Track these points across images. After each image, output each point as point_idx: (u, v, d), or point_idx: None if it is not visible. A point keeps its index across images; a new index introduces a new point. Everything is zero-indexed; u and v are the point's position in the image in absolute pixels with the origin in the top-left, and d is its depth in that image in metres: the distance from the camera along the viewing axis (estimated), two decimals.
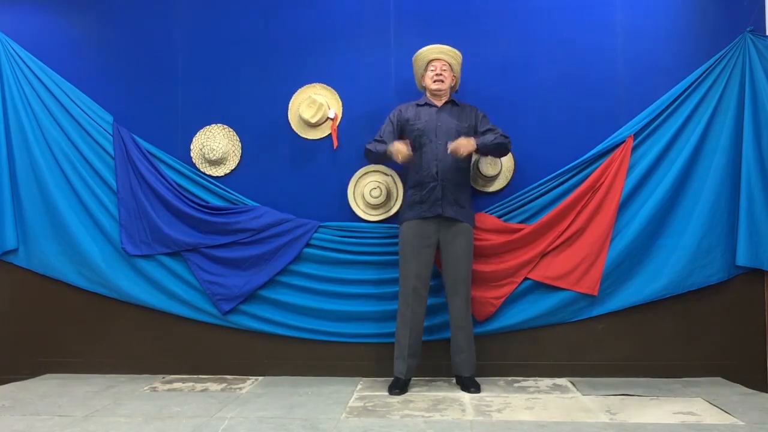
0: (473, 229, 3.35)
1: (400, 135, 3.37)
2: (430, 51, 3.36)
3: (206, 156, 3.68)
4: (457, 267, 3.27)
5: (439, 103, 3.37)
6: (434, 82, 3.33)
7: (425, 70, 3.38)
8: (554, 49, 3.59)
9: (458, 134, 3.27)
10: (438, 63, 3.35)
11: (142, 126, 3.74)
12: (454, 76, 3.40)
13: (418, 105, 3.39)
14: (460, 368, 3.31)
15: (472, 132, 3.34)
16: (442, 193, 3.25)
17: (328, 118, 3.60)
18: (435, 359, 3.47)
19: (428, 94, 3.40)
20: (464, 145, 3.17)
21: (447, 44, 3.41)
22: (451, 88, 3.41)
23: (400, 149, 3.20)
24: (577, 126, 3.54)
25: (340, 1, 3.72)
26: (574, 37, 3.58)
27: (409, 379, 3.32)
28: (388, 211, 3.60)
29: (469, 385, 3.25)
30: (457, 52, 3.39)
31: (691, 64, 3.50)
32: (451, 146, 3.17)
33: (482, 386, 3.27)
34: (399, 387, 3.24)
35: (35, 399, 3.21)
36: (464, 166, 3.35)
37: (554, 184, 3.52)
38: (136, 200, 3.68)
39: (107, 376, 3.67)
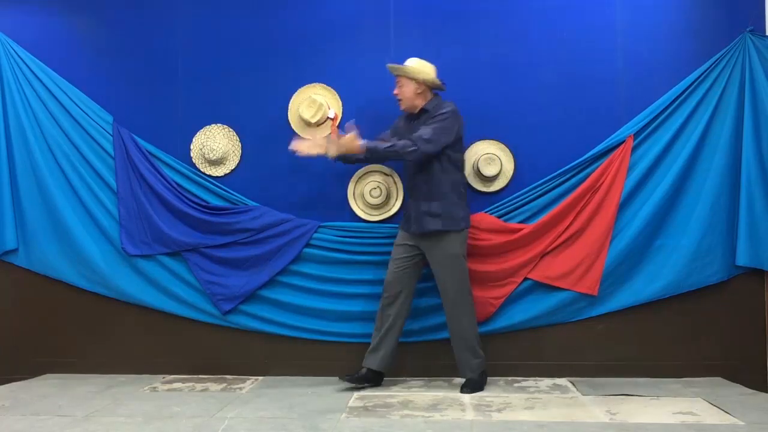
0: (459, 231, 3.26)
1: None
2: (389, 69, 3.32)
3: (206, 156, 3.68)
4: (439, 277, 3.28)
5: (416, 114, 3.33)
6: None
7: None
8: (554, 49, 3.59)
9: None
10: (396, 80, 3.31)
11: (142, 126, 3.73)
12: (421, 83, 3.26)
13: (406, 116, 3.38)
14: (460, 370, 3.31)
15: None
16: (409, 208, 3.31)
17: (328, 118, 3.60)
18: (435, 359, 3.47)
19: None
20: (309, 146, 3.16)
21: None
22: (426, 93, 3.30)
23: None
24: (577, 126, 3.54)
25: (339, 2, 3.72)
26: (574, 37, 3.58)
27: (373, 374, 3.32)
28: (388, 211, 3.60)
29: (464, 385, 3.26)
30: (406, 66, 3.26)
31: (691, 64, 3.49)
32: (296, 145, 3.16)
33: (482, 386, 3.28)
34: (353, 377, 3.28)
35: (35, 399, 3.21)
36: (432, 176, 3.24)
37: (554, 184, 3.52)
38: (136, 200, 3.67)
39: (107, 376, 3.67)
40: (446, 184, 3.26)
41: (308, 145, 3.16)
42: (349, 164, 3.44)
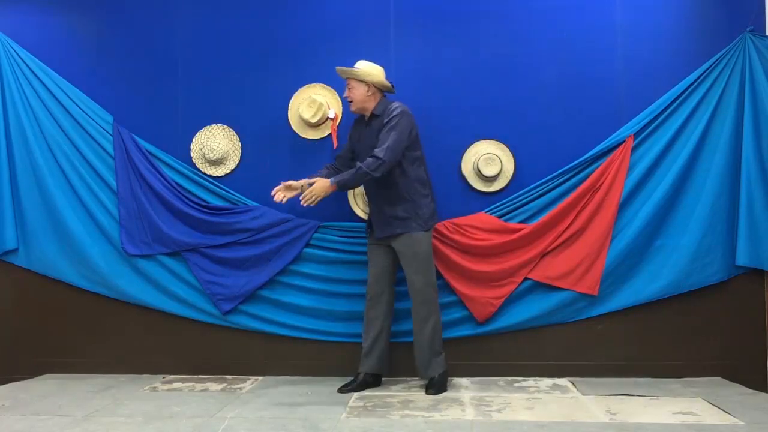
0: (427, 230, 3.26)
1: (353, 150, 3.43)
2: (338, 72, 3.32)
3: (206, 156, 3.68)
4: (407, 274, 3.28)
5: (366, 119, 3.34)
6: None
7: None
8: (554, 50, 3.59)
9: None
10: (347, 83, 3.33)
11: (142, 126, 3.74)
12: (370, 85, 3.27)
13: (356, 122, 3.42)
14: (420, 369, 3.29)
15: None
16: (372, 214, 3.35)
17: (328, 118, 3.60)
18: None
19: None
20: (285, 189, 3.26)
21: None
22: (375, 95, 3.30)
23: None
24: (577, 126, 3.54)
25: (339, 2, 3.72)
26: (574, 37, 3.58)
27: (372, 377, 3.35)
28: None
29: (429, 385, 3.26)
30: (355, 69, 3.27)
31: (691, 64, 3.49)
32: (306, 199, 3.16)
33: (482, 386, 3.29)
34: (351, 384, 3.30)
35: (35, 399, 3.22)
36: (393, 180, 3.23)
37: (554, 184, 3.52)
38: (136, 200, 3.68)
39: (107, 376, 3.67)
40: (408, 185, 3.26)
41: (284, 187, 3.27)
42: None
